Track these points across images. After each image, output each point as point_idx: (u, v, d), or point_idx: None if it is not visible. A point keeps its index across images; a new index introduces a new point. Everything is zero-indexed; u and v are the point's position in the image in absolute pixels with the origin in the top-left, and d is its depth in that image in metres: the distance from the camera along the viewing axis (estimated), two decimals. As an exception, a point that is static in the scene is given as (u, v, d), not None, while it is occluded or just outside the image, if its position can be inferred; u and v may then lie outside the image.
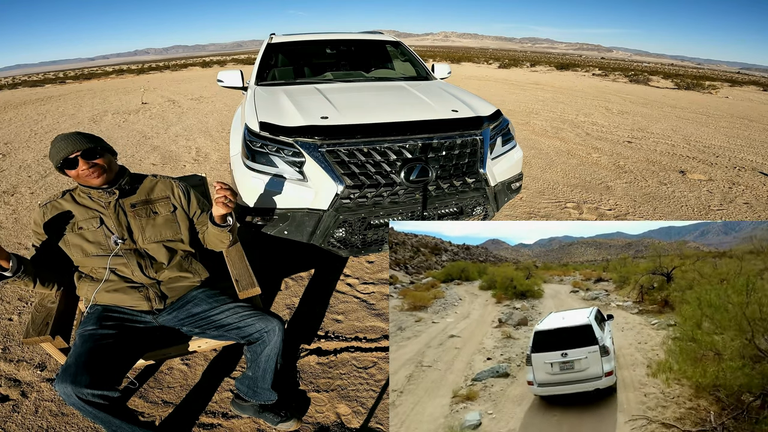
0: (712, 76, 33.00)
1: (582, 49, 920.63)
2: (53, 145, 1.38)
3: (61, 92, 16.37)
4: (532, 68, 29.61)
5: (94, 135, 1.45)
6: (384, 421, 1.64)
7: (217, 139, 6.57)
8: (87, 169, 1.39)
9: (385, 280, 2.62)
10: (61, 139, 1.37)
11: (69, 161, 1.36)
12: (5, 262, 1.24)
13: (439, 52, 61.97)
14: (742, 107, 11.55)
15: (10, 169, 5.25)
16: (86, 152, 1.38)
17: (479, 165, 2.30)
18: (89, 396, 1.18)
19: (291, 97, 2.61)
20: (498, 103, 9.61)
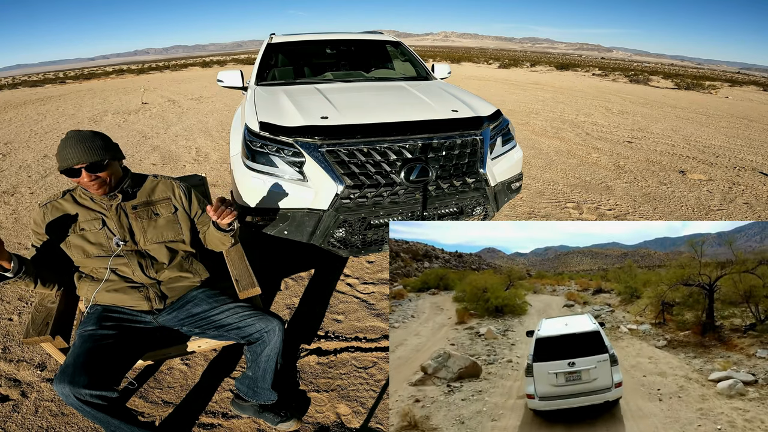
0: (712, 76, 33.00)
1: (582, 49, 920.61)
2: (63, 146, 1.33)
3: (61, 92, 16.37)
4: (532, 68, 29.60)
5: (105, 141, 1.40)
6: (384, 421, 1.63)
7: (217, 139, 6.57)
8: (89, 182, 1.37)
9: (385, 280, 2.62)
10: (71, 145, 1.32)
11: (72, 171, 1.34)
12: (7, 263, 1.24)
13: (439, 52, 61.97)
14: (742, 107, 11.55)
15: (10, 169, 5.25)
16: (91, 166, 1.35)
17: (479, 165, 2.30)
18: (87, 396, 1.18)
19: (291, 97, 2.61)
20: (498, 103, 9.61)
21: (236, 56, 63.99)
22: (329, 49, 4.01)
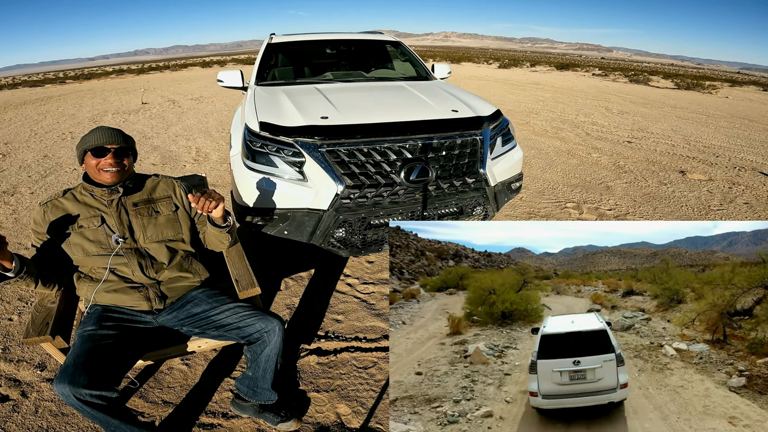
0: (712, 76, 33.00)
1: (582, 49, 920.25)
2: (93, 131, 1.43)
3: (61, 92, 16.37)
4: (532, 68, 29.60)
5: (130, 136, 1.52)
6: (384, 421, 1.63)
7: (217, 139, 6.57)
8: (111, 163, 1.42)
9: (385, 280, 2.62)
10: (105, 129, 1.44)
11: (102, 149, 1.41)
12: (8, 263, 1.24)
13: (439, 52, 61.97)
14: (742, 107, 11.55)
15: (10, 169, 5.25)
16: (120, 150, 1.44)
17: (479, 165, 2.30)
18: (87, 396, 1.18)
19: (291, 97, 2.61)
20: (498, 103, 9.61)
21: (236, 56, 64.00)
22: (329, 49, 4.02)
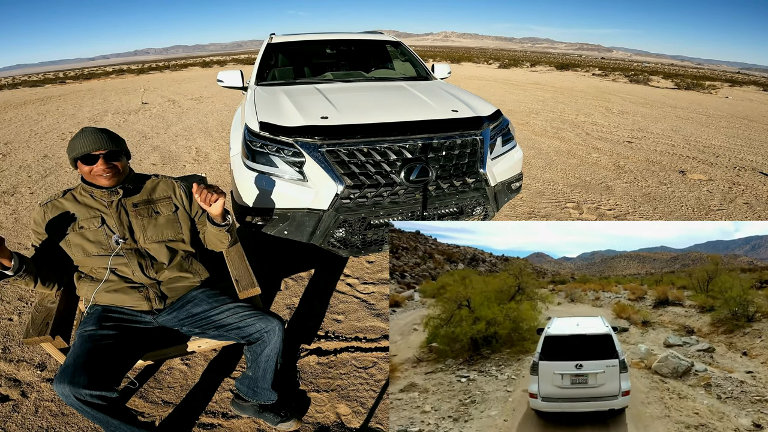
0: (712, 76, 33.00)
1: (582, 49, 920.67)
2: (78, 136, 1.38)
3: (61, 92, 16.37)
4: (532, 68, 29.60)
5: (118, 136, 1.47)
6: (384, 421, 1.63)
7: (217, 139, 6.57)
8: (104, 169, 1.40)
9: (385, 280, 2.62)
10: (90, 133, 1.38)
11: (90, 157, 1.37)
12: (7, 261, 1.24)
13: (439, 52, 61.97)
14: (742, 107, 11.55)
15: (10, 169, 5.25)
16: (109, 153, 1.40)
17: (479, 165, 2.30)
18: (87, 396, 1.18)
19: (291, 97, 2.61)
20: (498, 103, 9.61)
21: (236, 56, 64.00)
22: (329, 49, 4.01)
